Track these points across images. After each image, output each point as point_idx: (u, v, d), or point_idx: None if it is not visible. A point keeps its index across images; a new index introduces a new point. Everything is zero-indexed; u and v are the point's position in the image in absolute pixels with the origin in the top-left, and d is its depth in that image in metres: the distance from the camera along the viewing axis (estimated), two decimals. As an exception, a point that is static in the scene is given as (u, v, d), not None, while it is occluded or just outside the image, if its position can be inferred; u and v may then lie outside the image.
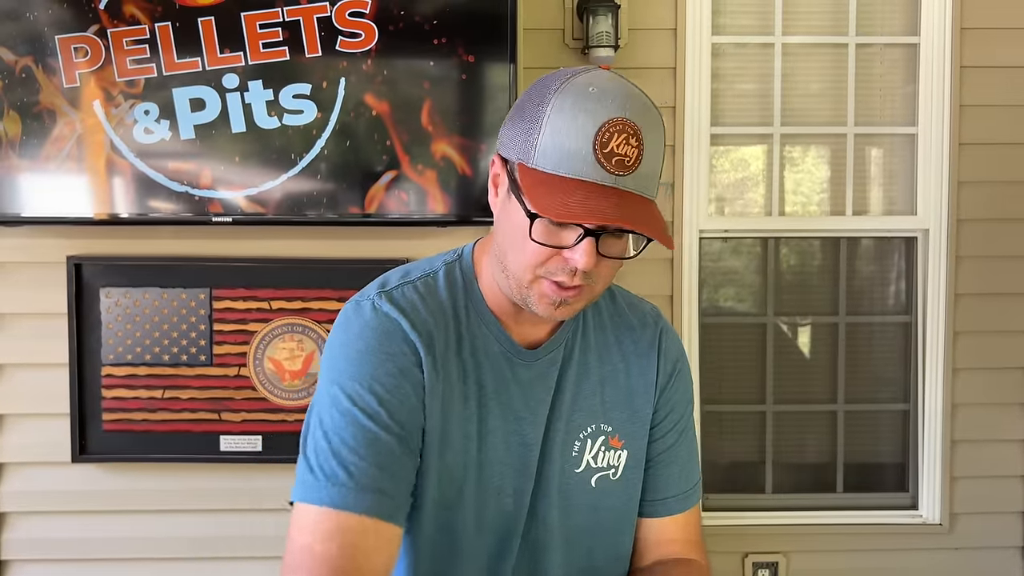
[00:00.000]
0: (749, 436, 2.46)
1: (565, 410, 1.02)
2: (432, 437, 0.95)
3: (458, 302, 1.00)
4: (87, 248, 2.07)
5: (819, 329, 2.48)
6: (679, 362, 1.10)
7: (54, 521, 2.13)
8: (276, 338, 2.09)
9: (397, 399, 0.92)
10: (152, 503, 2.12)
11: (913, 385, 2.41)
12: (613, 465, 1.04)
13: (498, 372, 0.99)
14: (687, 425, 1.11)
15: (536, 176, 0.86)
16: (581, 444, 1.03)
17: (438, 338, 0.97)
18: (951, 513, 2.35)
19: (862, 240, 2.45)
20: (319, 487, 0.88)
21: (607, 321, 1.08)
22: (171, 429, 2.09)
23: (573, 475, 1.03)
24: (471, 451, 0.97)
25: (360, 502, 0.87)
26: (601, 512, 1.05)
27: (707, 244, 2.40)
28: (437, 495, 0.97)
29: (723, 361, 2.42)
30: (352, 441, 0.89)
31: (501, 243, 0.94)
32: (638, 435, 1.06)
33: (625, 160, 0.85)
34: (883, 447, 2.47)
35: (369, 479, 0.88)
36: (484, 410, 0.98)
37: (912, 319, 2.41)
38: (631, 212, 0.85)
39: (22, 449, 2.11)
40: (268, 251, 2.09)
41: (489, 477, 0.99)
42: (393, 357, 0.93)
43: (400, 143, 1.96)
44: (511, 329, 1.00)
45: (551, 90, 0.87)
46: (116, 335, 2.06)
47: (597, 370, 1.05)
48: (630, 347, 1.07)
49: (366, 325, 0.95)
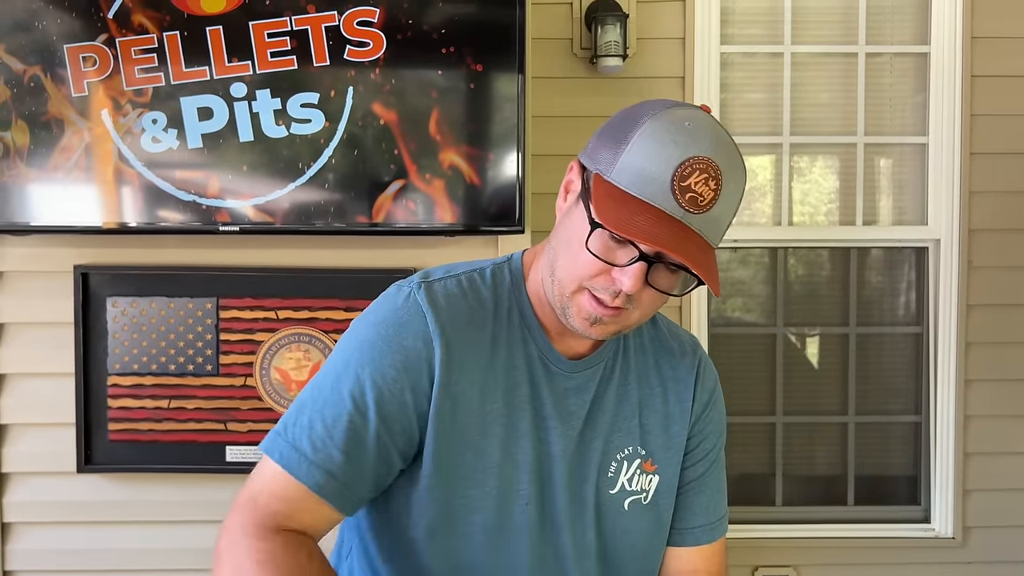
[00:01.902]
0: (759, 448, 2.44)
1: (604, 429, 1.02)
2: (442, 435, 0.94)
3: (501, 302, 1.00)
4: (94, 257, 2.06)
5: (829, 340, 2.46)
6: (715, 392, 1.10)
7: (59, 532, 2.11)
8: (283, 348, 2.08)
9: (391, 395, 0.92)
10: (158, 514, 2.11)
11: (925, 397, 2.39)
12: (645, 489, 1.04)
13: (533, 376, 0.99)
14: (718, 456, 1.10)
15: (609, 189, 0.87)
16: (618, 465, 1.02)
17: (469, 336, 0.96)
18: (964, 527, 2.33)
19: (872, 250, 2.43)
20: (282, 446, 0.92)
21: (648, 344, 1.08)
22: (177, 439, 2.07)
23: (608, 496, 1.02)
24: (493, 452, 0.96)
25: (310, 476, 0.90)
26: (633, 536, 1.04)
27: (716, 254, 2.39)
28: (450, 492, 0.96)
29: (732, 372, 2.41)
30: (329, 418, 0.92)
31: (556, 247, 0.94)
32: (671, 461, 1.05)
33: (699, 199, 0.85)
34: (895, 459, 2.45)
35: (327, 459, 0.90)
36: (515, 412, 0.97)
37: (923, 330, 2.39)
38: (690, 249, 0.85)
39: (27, 459, 2.09)
40: (275, 261, 2.09)
41: (513, 482, 0.97)
42: (404, 352, 0.93)
43: (408, 152, 1.96)
44: (554, 338, 1.00)
45: (648, 112, 0.88)
46: (122, 344, 2.05)
47: (636, 392, 1.04)
48: (668, 372, 1.07)
49: (391, 311, 0.96)
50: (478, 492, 0.96)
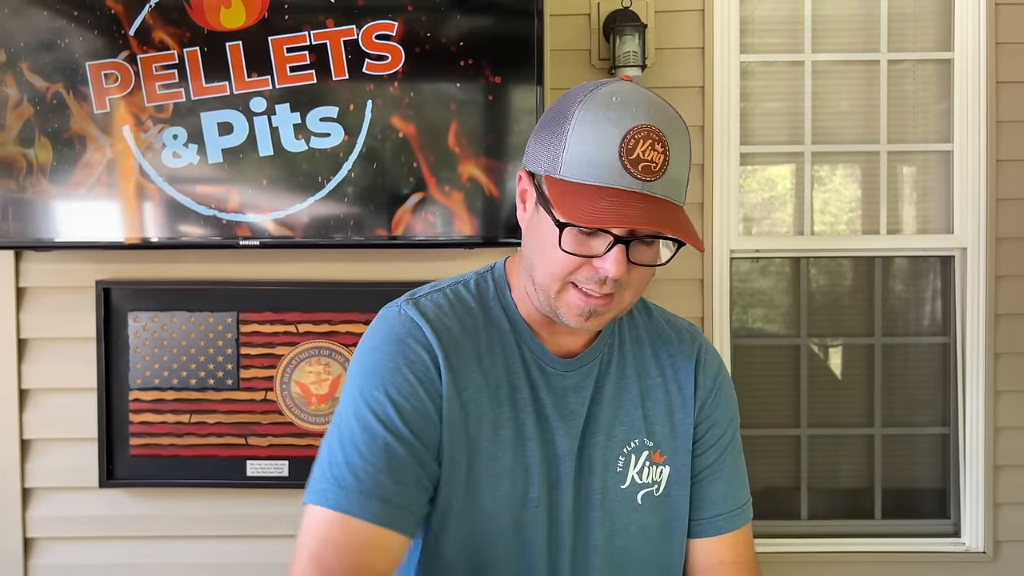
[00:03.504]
0: (783, 461, 2.40)
1: (605, 424, 1.00)
2: (455, 443, 0.94)
3: (489, 310, 1.00)
4: (116, 272, 2.08)
5: (854, 351, 2.43)
6: (719, 377, 1.08)
7: (81, 547, 2.12)
8: (303, 362, 2.08)
9: (412, 406, 0.92)
10: (179, 529, 2.11)
11: (953, 408, 2.34)
12: (656, 481, 1.02)
13: (531, 379, 0.98)
14: (731, 441, 1.08)
15: (563, 186, 0.86)
16: (625, 459, 1.01)
17: (464, 344, 0.96)
18: (995, 541, 2.27)
19: (897, 259, 2.40)
20: (327, 490, 0.89)
21: (644, 335, 1.06)
22: (198, 454, 2.08)
23: (618, 491, 1.00)
24: (504, 457, 0.96)
25: (365, 508, 0.88)
26: (648, 531, 1.02)
27: (738, 265, 2.36)
28: (466, 499, 0.95)
29: (756, 384, 2.38)
30: (364, 447, 0.90)
31: (529, 256, 0.94)
32: (680, 450, 1.04)
33: (652, 166, 0.85)
34: (922, 472, 2.40)
35: (376, 486, 0.88)
36: (521, 415, 0.97)
37: (951, 340, 2.35)
38: (660, 216, 0.84)
39: (50, 474, 2.11)
40: (295, 274, 2.09)
41: (524, 485, 0.96)
42: (411, 364, 0.93)
43: (427, 165, 1.95)
44: (545, 339, 0.99)
45: (575, 102, 0.88)
46: (144, 359, 2.06)
47: (636, 384, 1.03)
48: (667, 361, 1.05)
49: (389, 331, 0.96)
50: (492, 497, 0.96)
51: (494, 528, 0.96)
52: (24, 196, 1.96)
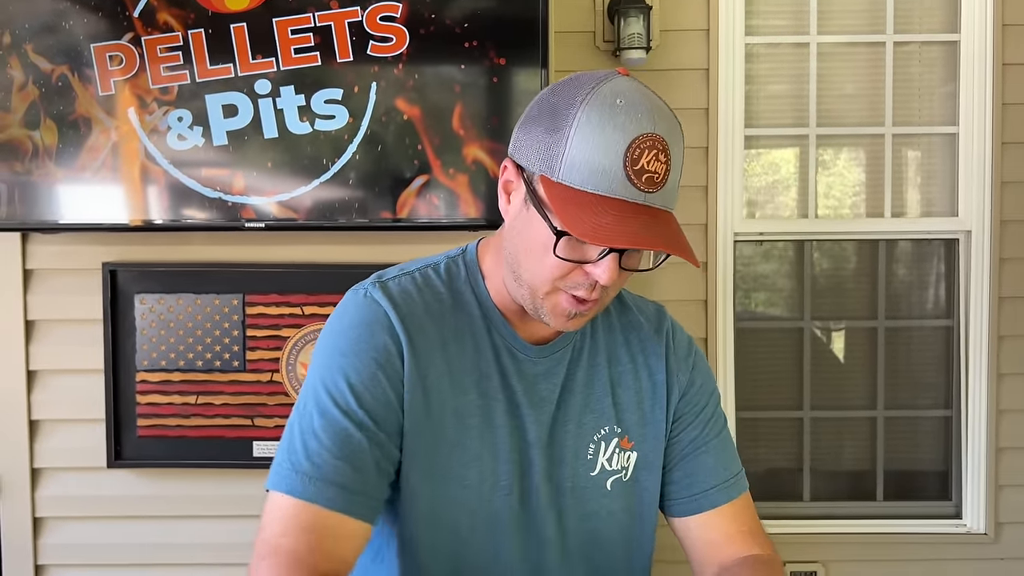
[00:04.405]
0: (786, 443, 2.41)
1: (576, 411, 1.01)
2: (418, 430, 0.93)
3: (459, 295, 1.00)
4: (122, 255, 2.08)
5: (857, 333, 2.43)
6: (691, 356, 1.09)
7: (90, 527, 2.14)
8: (309, 343, 2.09)
9: (372, 393, 0.91)
10: (186, 509, 2.13)
11: (955, 391, 2.35)
12: (624, 467, 1.03)
13: (502, 365, 0.98)
14: (712, 415, 1.08)
15: (563, 192, 0.85)
16: (595, 447, 1.01)
17: (430, 329, 0.96)
18: (996, 522, 2.29)
19: (901, 242, 2.40)
20: (287, 476, 0.89)
21: (616, 322, 1.07)
22: (205, 435, 2.09)
23: (588, 478, 1.01)
24: (471, 444, 0.96)
25: (323, 494, 0.87)
26: (617, 515, 1.03)
27: (741, 248, 2.37)
28: (432, 488, 0.95)
29: (759, 367, 2.38)
30: (322, 433, 0.89)
31: (515, 253, 0.93)
32: (648, 436, 1.04)
33: (654, 177, 0.84)
34: (925, 454, 2.41)
35: (334, 472, 0.88)
36: (489, 403, 0.97)
37: (954, 323, 2.35)
38: (661, 232, 0.84)
39: (58, 455, 2.12)
40: (300, 257, 2.09)
41: (493, 472, 0.97)
42: (375, 349, 0.93)
43: (431, 147, 1.96)
44: (516, 326, 1.00)
45: (576, 101, 0.85)
46: (150, 341, 2.07)
47: (607, 371, 1.03)
48: (638, 347, 1.06)
49: (353, 315, 0.96)
50: (458, 485, 0.96)
51: (464, 515, 0.96)
52: (30, 178, 1.97)
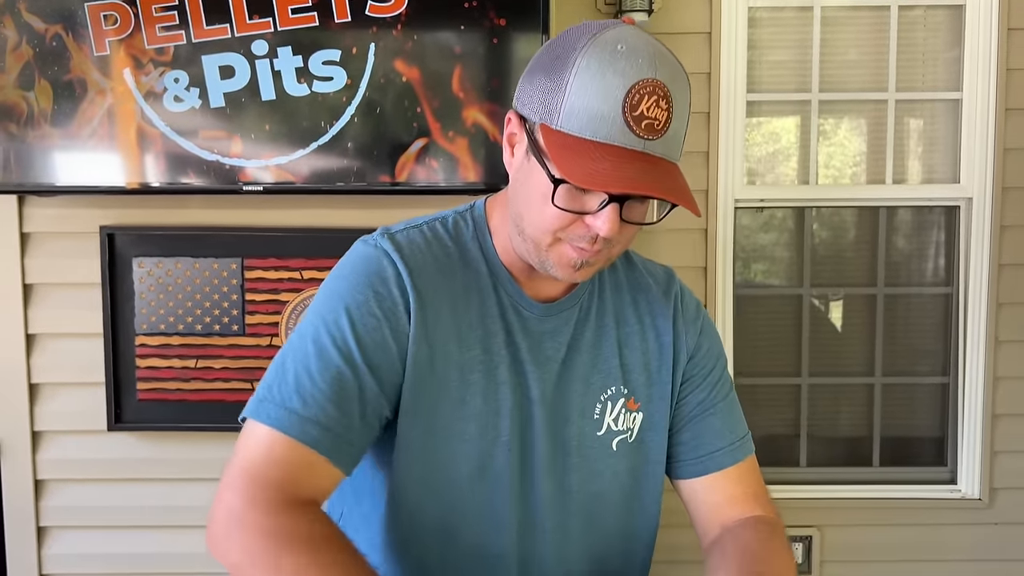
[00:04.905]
0: (783, 409, 2.42)
1: (582, 371, 1.00)
2: (421, 384, 0.93)
3: (466, 251, 0.98)
4: (119, 218, 2.07)
5: (856, 300, 2.43)
6: (699, 320, 1.08)
7: (91, 489, 2.15)
8: (307, 308, 2.08)
9: (373, 340, 0.90)
10: (186, 471, 2.14)
11: (953, 358, 2.36)
12: (630, 428, 1.03)
13: (508, 323, 0.97)
14: (719, 378, 1.08)
15: (561, 139, 0.83)
16: (602, 407, 1.01)
17: (439, 284, 0.95)
18: (991, 488, 2.31)
19: (902, 210, 2.39)
20: (271, 407, 0.87)
21: (624, 282, 1.06)
22: (204, 399, 2.10)
23: (594, 438, 1.01)
24: (474, 400, 0.95)
25: (306, 432, 0.86)
26: (621, 476, 1.03)
27: (741, 215, 2.36)
28: (431, 440, 0.94)
29: (758, 333, 2.39)
30: (316, 372, 0.88)
31: (517, 205, 0.92)
32: (655, 397, 1.04)
33: (655, 123, 0.82)
34: (921, 420, 2.43)
35: (321, 413, 0.86)
36: (493, 359, 0.96)
37: (953, 290, 2.35)
38: (660, 179, 0.83)
39: (58, 418, 2.13)
40: (299, 221, 2.09)
41: (495, 428, 0.96)
42: (380, 298, 0.91)
43: (431, 110, 1.94)
44: (523, 284, 0.99)
45: (576, 48, 0.84)
46: (149, 304, 2.07)
47: (614, 332, 1.03)
48: (645, 308, 1.05)
49: (361, 262, 0.94)
50: (459, 440, 0.95)
51: (462, 468, 0.96)
52: (25, 140, 1.95)
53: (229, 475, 0.86)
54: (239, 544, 0.83)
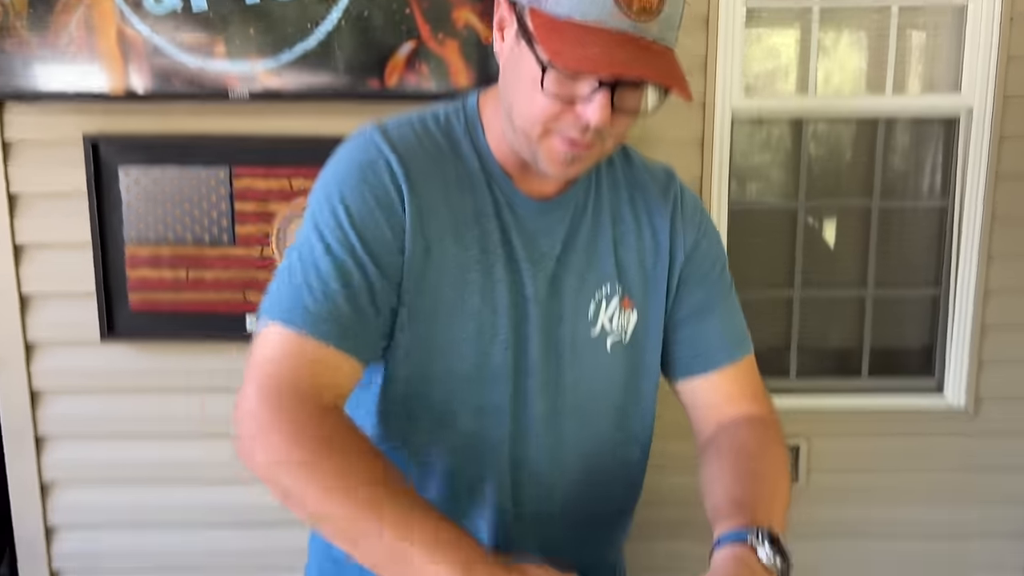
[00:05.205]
0: (775, 322, 2.43)
1: (577, 269, 0.99)
2: (419, 278, 0.92)
3: (458, 146, 0.97)
4: (103, 126, 2.03)
5: (851, 215, 2.41)
6: (699, 219, 1.07)
7: (87, 399, 2.17)
8: (298, 217, 2.05)
9: (372, 234, 0.90)
10: (182, 382, 2.15)
11: (946, 270, 2.35)
12: (624, 328, 1.02)
13: (502, 220, 0.96)
14: (718, 279, 1.08)
15: (550, 22, 0.81)
16: (596, 306, 1.01)
17: (433, 179, 0.93)
18: (976, 398, 2.34)
19: (900, 122, 2.35)
20: (285, 307, 0.88)
21: (621, 180, 1.04)
22: (197, 309, 2.09)
23: (588, 337, 1.01)
24: (471, 298, 0.95)
25: (319, 328, 0.86)
26: (615, 377, 1.03)
27: (739, 126, 2.32)
28: (429, 337, 0.94)
29: (752, 246, 2.37)
30: (321, 268, 0.88)
31: (508, 95, 0.90)
32: (650, 297, 1.03)
33: (648, 5, 0.79)
34: (911, 332, 2.44)
35: (332, 307, 0.87)
36: (490, 257, 0.95)
37: (949, 203, 2.33)
38: (652, 62, 0.80)
39: (51, 328, 2.13)
40: (287, 129, 2.04)
41: (491, 326, 0.96)
42: (372, 188, 0.91)
43: (420, 11, 1.88)
44: (517, 180, 0.97)
45: None
46: (137, 214, 2.04)
47: (610, 230, 1.02)
48: (643, 207, 1.04)
49: (352, 155, 0.94)
50: (458, 338, 0.95)
51: (459, 364, 0.96)
52: (2, 45, 1.89)
53: (248, 381, 0.87)
54: (265, 452, 0.83)
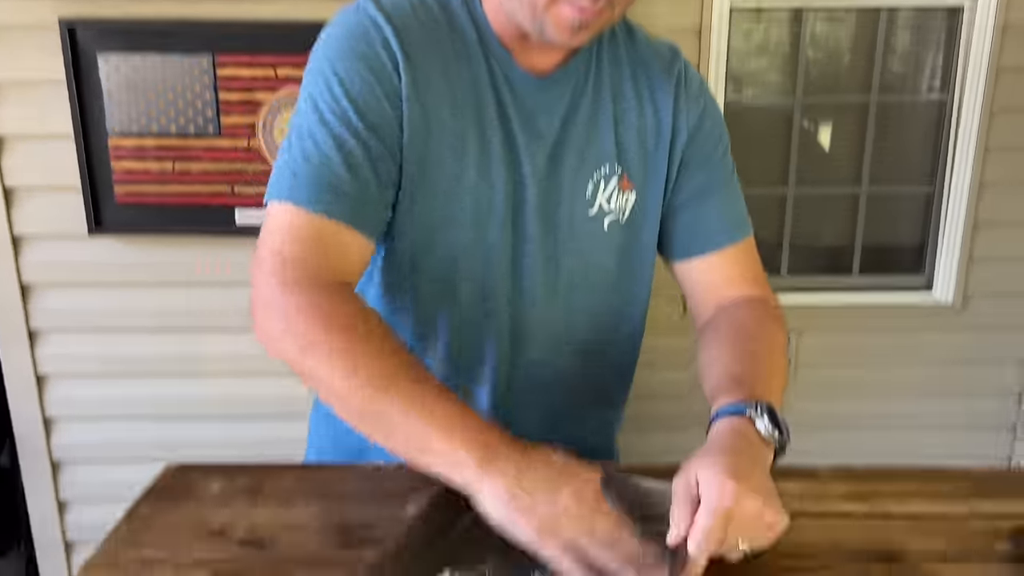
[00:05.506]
0: (768, 220, 2.42)
1: (576, 148, 0.97)
2: (416, 149, 0.91)
3: (454, 17, 0.94)
4: (79, 10, 1.95)
5: (849, 110, 2.37)
6: (702, 98, 1.04)
7: (77, 293, 2.16)
8: (285, 108, 2.01)
9: (369, 105, 0.88)
10: (171, 275, 2.14)
11: (942, 166, 2.33)
12: (622, 209, 1.01)
13: (500, 96, 0.94)
14: (720, 161, 1.06)
15: None
16: (594, 186, 0.99)
17: (428, 50, 0.91)
18: (965, 295, 2.35)
19: (902, 12, 2.28)
20: (288, 185, 0.87)
21: (623, 57, 1.01)
22: (185, 202, 2.06)
23: (585, 217, 0.99)
24: (468, 173, 0.93)
25: (327, 203, 0.85)
26: (612, 257, 1.03)
27: (737, 18, 2.25)
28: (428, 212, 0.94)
29: (748, 142, 2.34)
30: (321, 143, 0.87)
31: None
32: (650, 176, 1.02)
33: None
34: (904, 230, 2.44)
35: (334, 180, 0.86)
36: (487, 132, 0.94)
37: (948, 97, 2.30)
38: None
39: (38, 221, 2.10)
40: (270, 13, 1.97)
41: (488, 202, 0.95)
42: (368, 59, 0.89)
43: None
44: (515, 54, 0.94)
45: None
46: (119, 104, 1.99)
47: (611, 107, 0.99)
48: (644, 84, 1.01)
49: (344, 27, 0.91)
50: (455, 211, 0.94)
51: (458, 241, 0.95)
52: (-31, -80, 1.80)
53: (257, 264, 0.86)
54: (280, 332, 0.82)
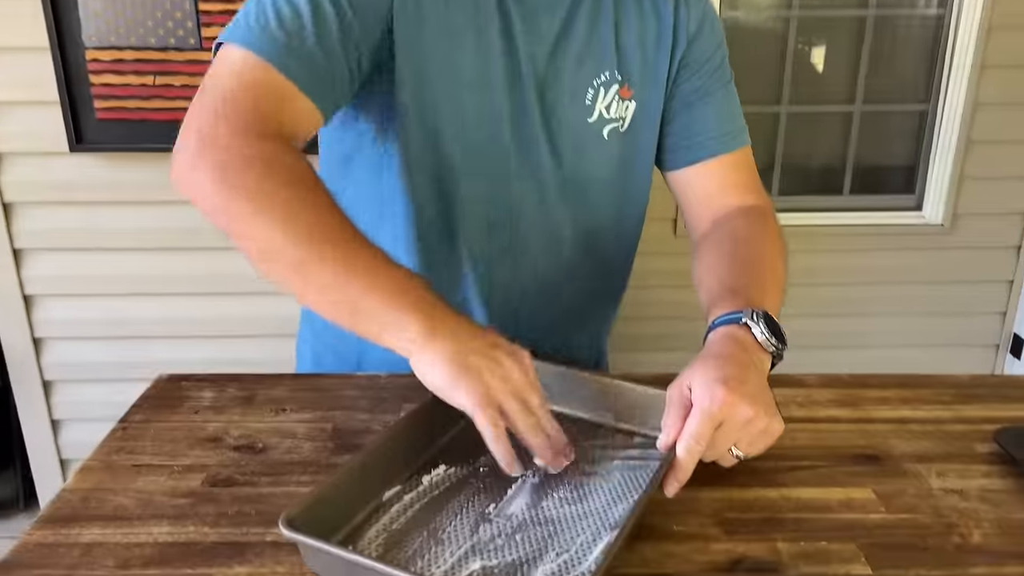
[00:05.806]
0: (760, 140, 2.39)
1: (576, 51, 0.95)
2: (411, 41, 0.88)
3: None
4: (49, -87, 1.87)
5: (844, 27, 2.32)
6: (702, 5, 1.02)
7: (58, 211, 2.12)
8: (267, 18, 1.95)
9: None
10: (154, 194, 2.10)
11: (937, 84, 2.31)
12: (622, 117, 1.00)
13: None
14: (718, 67, 1.04)
15: None
16: (594, 92, 0.97)
17: None
18: (954, 214, 2.35)
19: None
20: (252, 33, 0.81)
21: None
22: (167, 118, 2.02)
23: (585, 124, 0.98)
24: (465, 68, 0.91)
25: (284, 62, 0.81)
26: (611, 164, 1.02)
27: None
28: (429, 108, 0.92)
29: (742, 59, 2.29)
30: (298, 4, 0.82)
31: None
32: (649, 83, 1.00)
33: None
34: (896, 149, 2.42)
35: (302, 45, 0.81)
36: (487, 30, 0.91)
37: (946, 11, 2.25)
38: None
39: (18, 139, 2.05)
40: (250, -81, 1.90)
41: (487, 100, 0.93)
42: None
43: None
44: None
45: None
46: (95, 15, 1.92)
47: (613, 12, 0.97)
48: None
49: None
50: (454, 108, 0.92)
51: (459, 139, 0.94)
52: None
53: (198, 100, 0.81)
54: (211, 168, 0.76)
